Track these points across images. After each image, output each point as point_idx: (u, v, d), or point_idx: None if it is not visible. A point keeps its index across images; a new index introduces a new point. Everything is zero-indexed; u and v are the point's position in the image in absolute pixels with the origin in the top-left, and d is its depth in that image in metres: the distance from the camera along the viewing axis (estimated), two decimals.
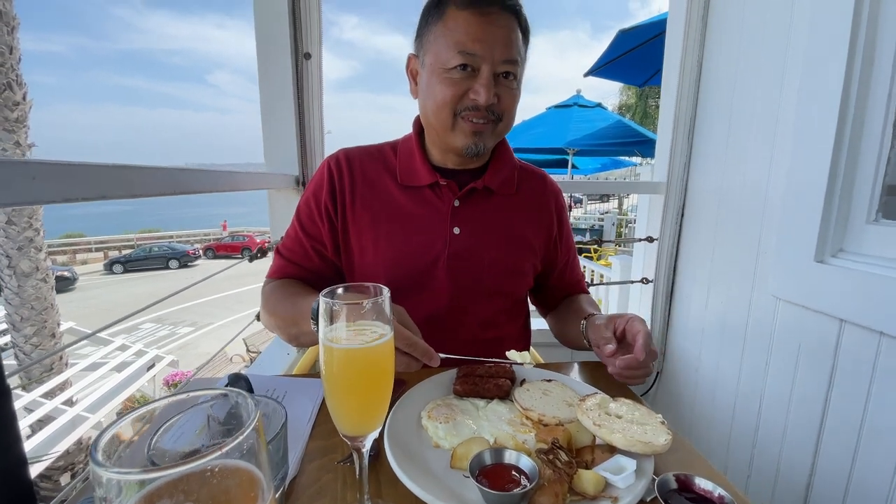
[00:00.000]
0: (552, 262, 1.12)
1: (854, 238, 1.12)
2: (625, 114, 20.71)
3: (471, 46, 0.84)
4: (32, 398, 4.62)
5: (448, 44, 0.86)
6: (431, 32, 0.89)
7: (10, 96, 4.26)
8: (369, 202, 0.99)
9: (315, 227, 1.00)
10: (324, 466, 0.64)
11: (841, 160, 1.10)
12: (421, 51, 0.93)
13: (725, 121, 1.54)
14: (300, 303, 0.87)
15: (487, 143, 0.94)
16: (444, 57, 0.87)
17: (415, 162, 0.99)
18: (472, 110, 0.89)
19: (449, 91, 0.88)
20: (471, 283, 0.99)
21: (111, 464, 0.24)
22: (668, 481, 0.55)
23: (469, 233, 0.98)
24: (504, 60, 0.87)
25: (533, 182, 1.10)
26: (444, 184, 0.98)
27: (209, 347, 11.61)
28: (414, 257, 0.97)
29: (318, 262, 1.02)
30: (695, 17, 1.62)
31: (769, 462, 1.33)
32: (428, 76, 0.91)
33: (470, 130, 0.90)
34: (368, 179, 1.00)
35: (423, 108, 0.96)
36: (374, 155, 1.03)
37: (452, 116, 0.90)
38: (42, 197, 0.52)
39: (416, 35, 0.96)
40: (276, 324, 0.96)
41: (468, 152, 0.93)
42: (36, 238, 4.68)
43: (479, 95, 0.86)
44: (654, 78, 4.62)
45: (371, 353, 0.47)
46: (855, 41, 1.06)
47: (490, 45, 0.85)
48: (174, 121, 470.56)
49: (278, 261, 1.05)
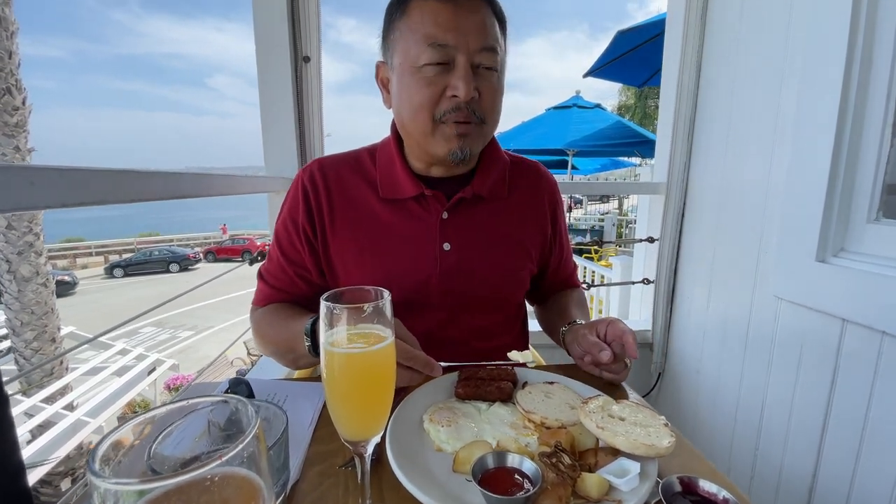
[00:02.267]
0: (547, 261, 1.08)
1: (855, 237, 1.12)
2: (624, 114, 20.72)
3: (441, 37, 0.75)
4: (33, 403, 4.62)
5: (416, 38, 0.77)
6: (397, 30, 0.81)
7: (9, 101, 4.27)
8: (349, 219, 0.91)
9: (296, 252, 0.93)
10: (325, 471, 0.64)
11: (841, 159, 1.10)
12: (388, 54, 0.84)
13: (725, 120, 1.54)
14: (293, 326, 0.83)
15: (474, 147, 0.85)
16: (414, 53, 0.77)
17: (396, 172, 0.91)
18: (453, 111, 0.79)
19: (425, 91, 0.78)
20: (465, 297, 0.94)
21: (110, 472, 0.24)
22: (672, 484, 0.54)
23: (460, 248, 0.92)
24: (481, 48, 0.77)
25: (527, 178, 1.02)
26: (429, 194, 0.90)
27: (210, 351, 11.61)
28: (404, 278, 0.90)
29: (305, 287, 0.95)
30: (693, 18, 1.62)
31: (772, 464, 1.33)
32: (398, 79, 0.82)
33: (453, 134, 0.81)
34: (347, 193, 0.92)
35: (398, 116, 0.87)
36: (351, 164, 0.95)
37: (431, 121, 0.81)
38: (41, 202, 0.51)
39: (381, 39, 0.86)
40: (272, 350, 0.91)
41: (453, 158, 0.84)
42: (36, 242, 4.68)
43: (457, 90, 0.77)
44: (653, 79, 4.62)
45: (372, 358, 0.46)
46: (854, 40, 1.06)
47: (463, 33, 0.76)
48: (174, 124, 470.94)
49: (263, 288, 0.98)
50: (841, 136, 1.10)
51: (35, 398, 4.72)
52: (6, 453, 0.40)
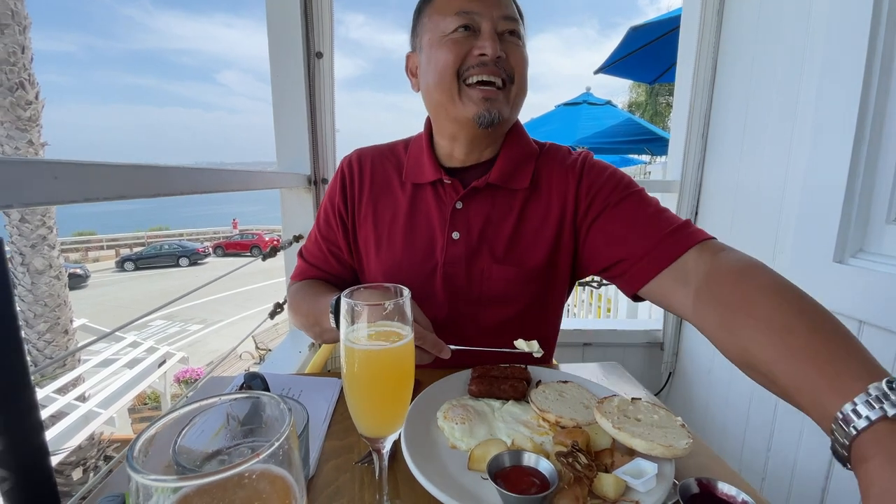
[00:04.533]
0: (603, 242, 0.87)
1: (874, 238, 1.10)
2: (635, 111, 20.54)
3: (467, 5, 0.81)
4: (45, 394, 4.69)
5: (442, 14, 0.83)
6: (425, 16, 0.87)
7: (22, 95, 4.31)
8: (375, 205, 0.97)
9: (331, 230, 1.01)
10: (340, 466, 0.64)
11: (861, 159, 1.08)
12: (417, 41, 0.90)
13: (741, 118, 1.52)
14: (320, 301, 0.88)
15: (502, 110, 0.83)
16: (441, 26, 0.83)
17: (422, 158, 0.95)
18: (479, 67, 0.81)
19: (451, 53, 0.82)
20: (466, 291, 0.92)
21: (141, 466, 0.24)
22: (689, 486, 0.54)
23: (467, 238, 0.91)
24: (504, 17, 0.82)
25: (554, 164, 0.94)
26: (448, 182, 0.92)
27: (219, 344, 11.72)
28: (413, 264, 0.94)
29: (337, 265, 1.02)
30: (710, 13, 1.60)
31: (785, 464, 1.32)
32: (426, 55, 0.86)
33: (480, 97, 0.82)
34: (378, 181, 0.99)
35: (425, 90, 0.89)
36: (385, 154, 1.01)
37: (457, 81, 0.83)
38: (64, 197, 0.52)
39: (411, 33, 0.94)
40: (301, 322, 0.97)
41: (481, 121, 0.82)
42: (49, 236, 4.74)
43: (485, 49, 0.80)
44: (665, 75, 4.58)
45: (393, 354, 0.46)
46: (875, 35, 1.04)
47: (487, 4, 0.81)
48: (184, 120, 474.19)
49: (301, 264, 1.07)
50: (861, 135, 1.08)
51: (48, 388, 4.80)
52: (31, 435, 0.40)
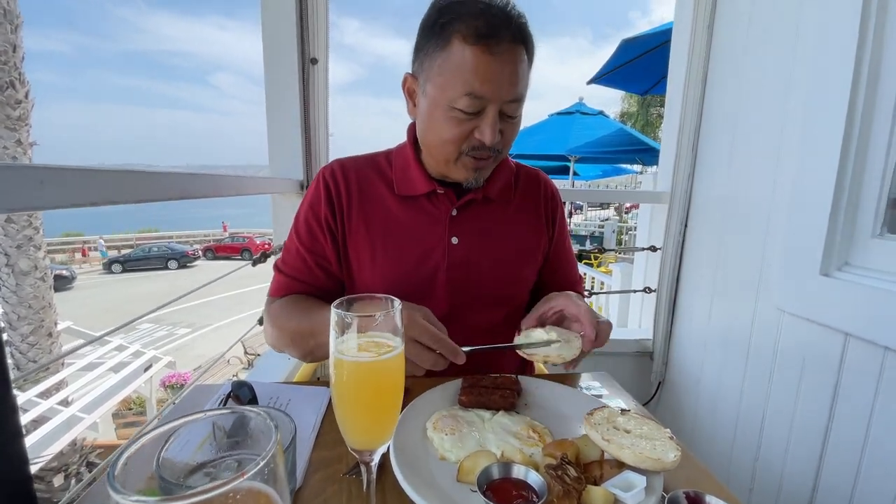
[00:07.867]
0: (550, 268, 1.10)
1: (859, 252, 1.12)
2: (626, 122, 20.76)
3: (479, 89, 0.79)
4: (27, 398, 4.59)
5: (454, 82, 0.80)
6: (433, 59, 0.83)
7: (12, 94, 4.25)
8: (365, 214, 0.97)
9: (317, 242, 0.97)
10: (328, 478, 0.63)
11: (847, 173, 1.11)
12: (421, 75, 0.87)
13: (730, 131, 1.54)
14: (318, 314, 0.86)
15: (487, 174, 0.95)
16: (450, 95, 0.81)
17: (411, 172, 0.97)
18: (477, 149, 0.86)
19: (455, 131, 0.84)
20: (470, 292, 0.97)
21: (125, 486, 0.24)
22: (678, 498, 0.54)
23: (467, 242, 0.97)
24: (510, 100, 0.83)
25: (529, 184, 1.08)
26: (441, 192, 0.96)
27: (206, 349, 11.57)
28: (412, 271, 0.95)
29: (324, 278, 0.98)
30: (700, 27, 1.63)
31: (772, 476, 1.32)
32: (429, 108, 0.86)
33: (472, 167, 0.89)
34: (364, 189, 0.98)
35: (422, 137, 0.93)
36: (368, 164, 1.01)
37: (456, 153, 0.87)
38: (50, 202, 0.51)
39: (413, 53, 0.89)
40: (289, 339, 0.92)
41: (468, 185, 0.94)
42: (35, 236, 4.66)
43: (484, 136, 0.83)
44: (656, 87, 4.63)
45: (383, 366, 0.46)
46: (862, 53, 1.07)
47: (498, 84, 0.80)
48: (175, 121, 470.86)
49: (280, 279, 1.00)
50: (847, 150, 1.10)
51: (30, 392, 4.69)
52: (9, 441, 0.39)
